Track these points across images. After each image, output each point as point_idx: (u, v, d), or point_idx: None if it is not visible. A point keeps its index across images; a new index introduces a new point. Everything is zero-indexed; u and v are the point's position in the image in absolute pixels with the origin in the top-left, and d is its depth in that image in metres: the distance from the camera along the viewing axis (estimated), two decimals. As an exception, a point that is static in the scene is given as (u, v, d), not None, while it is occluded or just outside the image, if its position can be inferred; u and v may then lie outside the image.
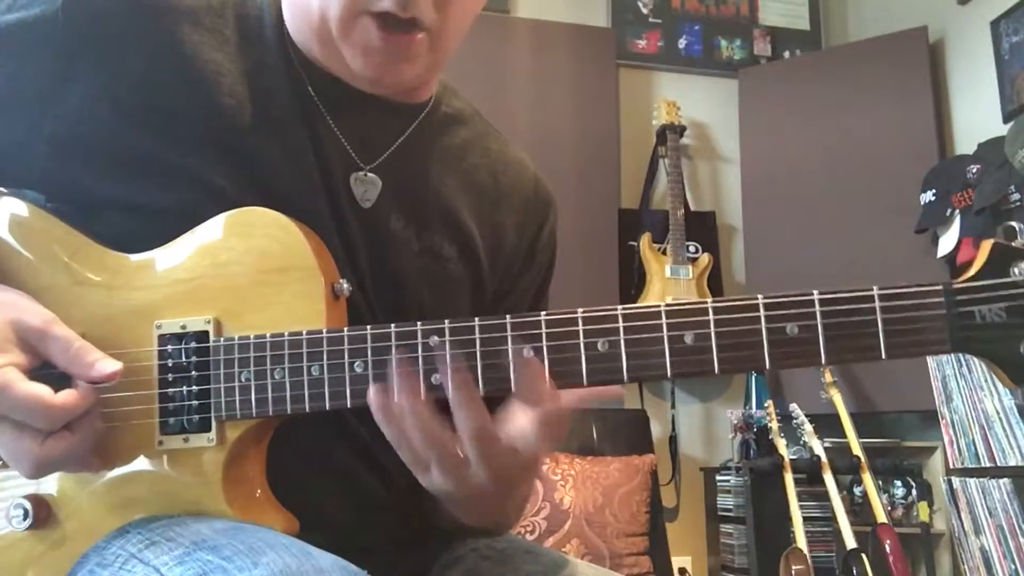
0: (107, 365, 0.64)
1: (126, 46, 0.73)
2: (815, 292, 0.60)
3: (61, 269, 0.72)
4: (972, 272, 0.60)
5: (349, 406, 0.65)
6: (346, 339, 0.65)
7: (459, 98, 0.91)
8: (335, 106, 0.79)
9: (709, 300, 0.62)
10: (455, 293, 0.84)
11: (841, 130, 3.45)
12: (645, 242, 3.40)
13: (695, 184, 3.72)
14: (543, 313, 0.63)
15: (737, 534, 3.11)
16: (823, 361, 0.60)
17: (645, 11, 3.84)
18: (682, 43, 3.85)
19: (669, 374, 0.61)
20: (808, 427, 2.97)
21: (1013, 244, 0.59)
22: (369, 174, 0.79)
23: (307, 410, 0.66)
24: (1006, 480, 2.62)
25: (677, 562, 3.00)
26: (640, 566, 2.63)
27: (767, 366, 0.60)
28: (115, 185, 0.73)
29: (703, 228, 3.54)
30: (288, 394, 0.66)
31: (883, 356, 0.59)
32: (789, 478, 2.87)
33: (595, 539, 2.60)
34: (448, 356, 0.63)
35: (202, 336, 0.68)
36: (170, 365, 0.68)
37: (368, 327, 0.65)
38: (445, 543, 0.86)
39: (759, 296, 0.61)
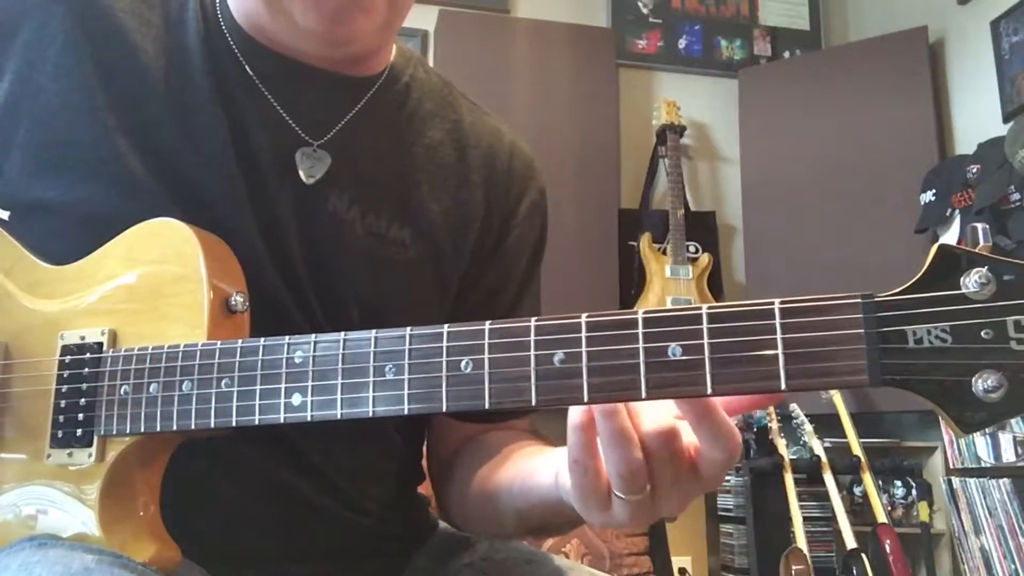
0: None
1: (46, 36, 0.73)
2: (704, 307, 0.48)
3: None
4: (910, 283, 0.45)
5: (212, 426, 0.60)
6: (217, 353, 0.61)
7: (426, 69, 0.86)
8: (277, 82, 0.76)
9: (584, 315, 0.51)
10: (407, 278, 0.79)
11: (841, 130, 3.45)
12: (645, 242, 3.40)
13: (695, 184, 3.72)
14: (408, 329, 0.55)
15: (737, 534, 3.11)
16: (708, 391, 0.47)
17: (645, 11, 3.84)
18: (682, 43, 3.85)
19: (534, 402, 0.51)
20: (808, 427, 2.97)
21: (968, 249, 0.44)
22: (318, 150, 0.76)
23: (175, 429, 0.61)
24: (1006, 480, 2.62)
25: (677, 562, 3.00)
26: (640, 566, 2.63)
27: (643, 396, 0.49)
28: (40, 181, 0.72)
29: (703, 228, 3.54)
30: (159, 410, 0.62)
31: (782, 387, 0.46)
32: (789, 478, 2.87)
33: (595, 539, 2.60)
34: None
35: (96, 347, 0.66)
36: (66, 376, 0.66)
37: (239, 341, 0.61)
38: (434, 556, 0.83)
39: (639, 311, 0.49)
